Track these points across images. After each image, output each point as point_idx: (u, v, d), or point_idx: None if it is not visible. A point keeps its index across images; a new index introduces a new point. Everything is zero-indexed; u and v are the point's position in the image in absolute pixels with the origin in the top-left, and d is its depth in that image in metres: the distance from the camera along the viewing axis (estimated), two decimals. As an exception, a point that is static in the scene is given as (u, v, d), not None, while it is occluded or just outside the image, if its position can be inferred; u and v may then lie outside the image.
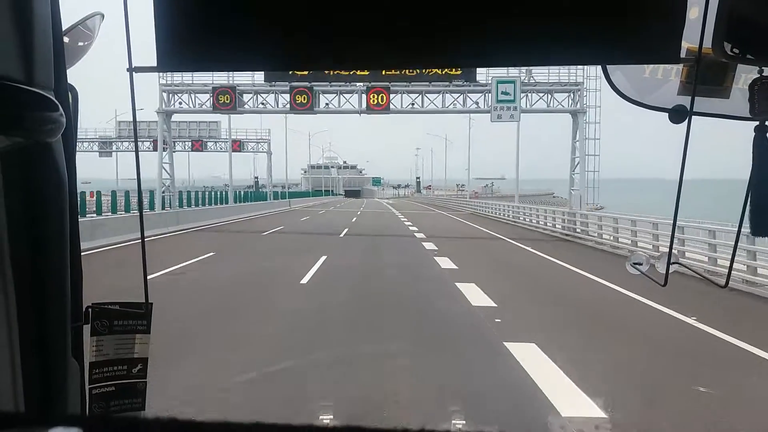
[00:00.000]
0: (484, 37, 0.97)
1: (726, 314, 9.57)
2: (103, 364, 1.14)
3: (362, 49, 0.99)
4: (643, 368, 6.79)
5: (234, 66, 1.04)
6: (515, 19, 0.96)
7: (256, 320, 9.07)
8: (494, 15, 0.96)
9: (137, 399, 1.19)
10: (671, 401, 5.66)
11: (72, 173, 1.02)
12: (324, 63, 1.01)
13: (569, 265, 16.13)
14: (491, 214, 44.01)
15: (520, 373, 6.28)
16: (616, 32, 0.97)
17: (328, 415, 5.26)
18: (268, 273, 14.40)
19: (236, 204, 46.54)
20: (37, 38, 0.88)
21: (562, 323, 9.21)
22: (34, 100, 0.84)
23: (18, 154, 0.93)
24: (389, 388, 5.87)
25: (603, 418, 5.18)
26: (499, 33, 0.97)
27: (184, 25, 0.99)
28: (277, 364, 6.60)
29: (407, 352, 7.25)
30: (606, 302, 11.04)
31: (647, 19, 0.96)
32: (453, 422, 5.02)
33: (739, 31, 0.99)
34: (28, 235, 0.96)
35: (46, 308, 1.00)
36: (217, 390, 5.77)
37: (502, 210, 42.17)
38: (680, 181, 1.20)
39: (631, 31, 0.97)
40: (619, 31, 0.97)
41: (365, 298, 11.17)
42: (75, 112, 1.09)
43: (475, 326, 8.67)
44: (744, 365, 6.94)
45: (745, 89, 1.11)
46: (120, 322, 1.15)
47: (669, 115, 1.12)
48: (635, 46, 0.98)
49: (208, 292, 11.53)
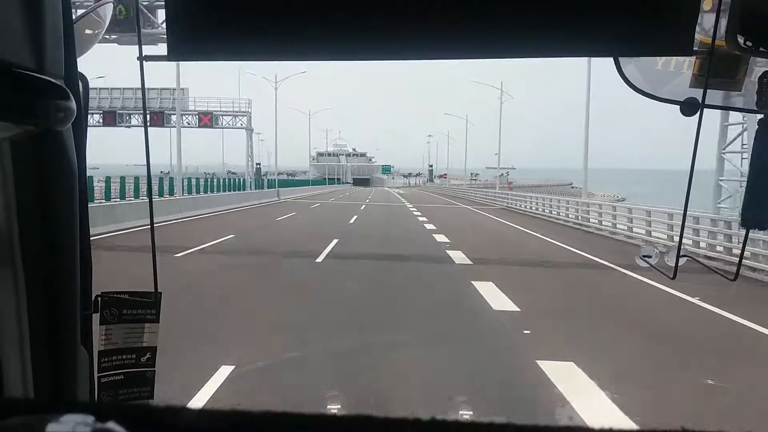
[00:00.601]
0: (496, 28, 0.97)
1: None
2: (112, 352, 1.15)
3: (373, 38, 0.99)
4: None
5: (244, 56, 1.04)
6: (528, 10, 0.96)
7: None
8: (507, 6, 0.95)
9: (146, 388, 1.19)
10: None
11: (82, 162, 1.03)
12: (335, 53, 1.01)
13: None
14: (533, 211, 34.03)
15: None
16: (629, 24, 0.96)
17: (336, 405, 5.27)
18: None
19: (188, 196, 32.30)
20: (47, 26, 0.88)
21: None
22: (44, 88, 0.84)
23: (28, 143, 0.93)
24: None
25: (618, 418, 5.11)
26: (511, 24, 0.96)
27: (195, 15, 0.99)
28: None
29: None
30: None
31: (660, 12, 0.95)
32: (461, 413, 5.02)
33: (752, 24, 0.98)
34: (39, 224, 0.97)
35: (56, 297, 1.00)
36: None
37: (549, 206, 32.24)
38: (691, 173, 1.20)
39: (645, 23, 0.96)
40: (633, 23, 0.96)
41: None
42: (86, 101, 1.09)
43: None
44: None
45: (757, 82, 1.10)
46: (129, 311, 1.16)
47: (681, 107, 1.12)
48: (648, 39, 0.97)
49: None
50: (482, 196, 55.53)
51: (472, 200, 54.52)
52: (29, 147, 0.94)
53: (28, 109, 0.81)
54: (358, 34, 0.99)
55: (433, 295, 10.49)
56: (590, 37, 0.97)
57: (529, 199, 37.95)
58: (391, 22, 0.98)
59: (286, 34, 0.99)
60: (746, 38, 0.99)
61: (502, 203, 42.90)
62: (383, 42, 1.00)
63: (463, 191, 68.82)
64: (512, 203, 40.35)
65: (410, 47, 1.00)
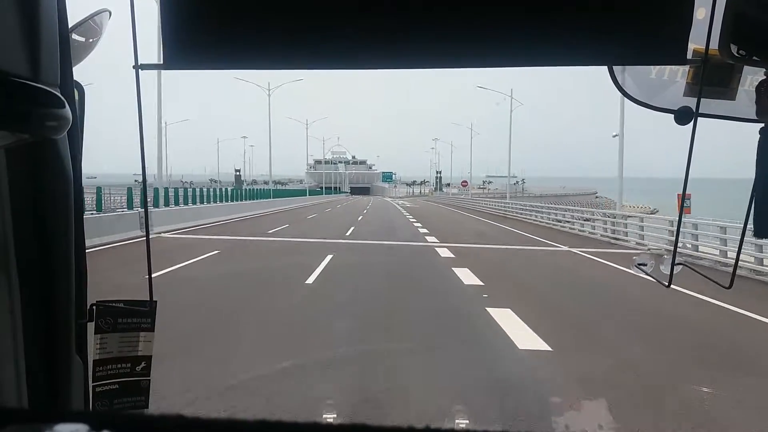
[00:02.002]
0: (489, 38, 0.97)
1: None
2: (107, 361, 1.14)
3: (367, 47, 0.99)
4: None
5: (240, 64, 1.04)
6: (523, 20, 0.96)
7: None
8: (501, 16, 0.96)
9: (141, 397, 1.19)
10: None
11: (78, 170, 1.03)
12: (330, 61, 1.01)
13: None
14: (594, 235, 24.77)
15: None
16: (622, 33, 0.97)
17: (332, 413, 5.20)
18: None
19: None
20: (43, 34, 0.88)
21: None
22: (40, 96, 0.84)
23: (23, 151, 0.93)
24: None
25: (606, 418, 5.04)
26: (505, 34, 0.97)
27: (191, 24, 1.00)
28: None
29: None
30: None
31: (654, 21, 0.96)
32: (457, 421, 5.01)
33: (746, 33, 0.99)
34: (34, 232, 0.97)
35: (51, 305, 1.00)
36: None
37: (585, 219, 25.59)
38: (685, 182, 1.20)
39: (638, 32, 0.97)
40: (626, 32, 0.97)
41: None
42: (81, 109, 1.09)
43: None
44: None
45: (752, 91, 1.11)
46: (124, 320, 1.15)
47: (675, 116, 1.12)
48: (642, 47, 0.98)
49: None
50: (502, 207, 44.09)
51: (495, 214, 41.94)
52: (24, 155, 0.94)
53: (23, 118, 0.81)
54: (354, 43, 0.99)
55: None
56: (585, 46, 0.98)
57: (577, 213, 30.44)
58: (385, 32, 0.98)
59: (282, 43, 1.00)
60: (739, 47, 1.00)
61: (541, 219, 33.11)
62: (378, 51, 1.00)
63: (482, 204, 53.89)
64: (553, 218, 31.53)
65: (403, 56, 1.00)
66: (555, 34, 0.96)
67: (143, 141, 1.15)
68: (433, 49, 0.98)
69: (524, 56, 0.99)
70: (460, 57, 0.99)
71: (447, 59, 0.99)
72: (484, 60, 1.00)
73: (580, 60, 1.00)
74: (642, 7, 0.96)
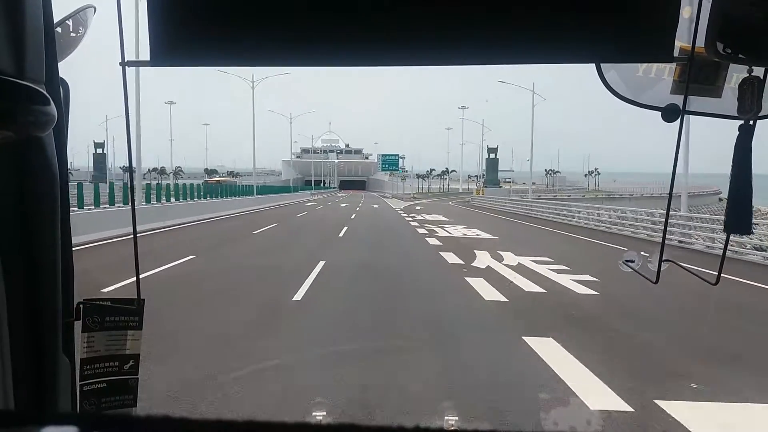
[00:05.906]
0: (476, 36, 0.97)
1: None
2: (95, 360, 1.13)
3: (359, 45, 0.99)
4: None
5: (228, 61, 1.03)
6: (509, 17, 0.96)
7: None
8: (489, 13, 0.96)
9: (129, 396, 1.18)
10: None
11: (63, 168, 1.02)
12: (318, 59, 1.01)
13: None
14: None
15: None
16: (610, 31, 0.97)
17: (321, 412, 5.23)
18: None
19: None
20: (27, 30, 0.87)
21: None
22: (24, 93, 0.83)
23: (8, 149, 0.92)
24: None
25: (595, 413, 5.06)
26: (492, 32, 0.97)
27: (178, 20, 0.99)
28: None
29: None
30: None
31: (641, 18, 0.97)
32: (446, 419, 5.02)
33: (731, 31, 1.00)
34: (19, 230, 0.96)
35: (37, 304, 0.99)
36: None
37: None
38: (672, 178, 1.21)
39: (625, 30, 0.97)
40: (613, 30, 0.97)
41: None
42: (66, 106, 1.08)
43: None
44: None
45: (737, 88, 1.12)
46: (112, 318, 1.15)
47: (662, 113, 1.13)
48: (629, 45, 0.99)
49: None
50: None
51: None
52: (9, 153, 0.93)
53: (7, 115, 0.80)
54: (342, 40, 0.99)
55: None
56: (571, 44, 0.98)
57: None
58: (372, 29, 0.98)
59: (270, 40, 0.99)
60: (725, 45, 1.01)
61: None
62: (365, 48, 1.00)
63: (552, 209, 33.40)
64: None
65: (390, 53, 1.00)
66: (542, 32, 0.96)
67: (131, 138, 1.14)
68: (416, 46, 0.98)
69: (512, 53, 0.99)
70: (447, 54, 0.99)
71: (432, 56, 0.99)
72: (470, 58, 0.99)
73: (567, 57, 1.01)
74: (629, 6, 0.97)
